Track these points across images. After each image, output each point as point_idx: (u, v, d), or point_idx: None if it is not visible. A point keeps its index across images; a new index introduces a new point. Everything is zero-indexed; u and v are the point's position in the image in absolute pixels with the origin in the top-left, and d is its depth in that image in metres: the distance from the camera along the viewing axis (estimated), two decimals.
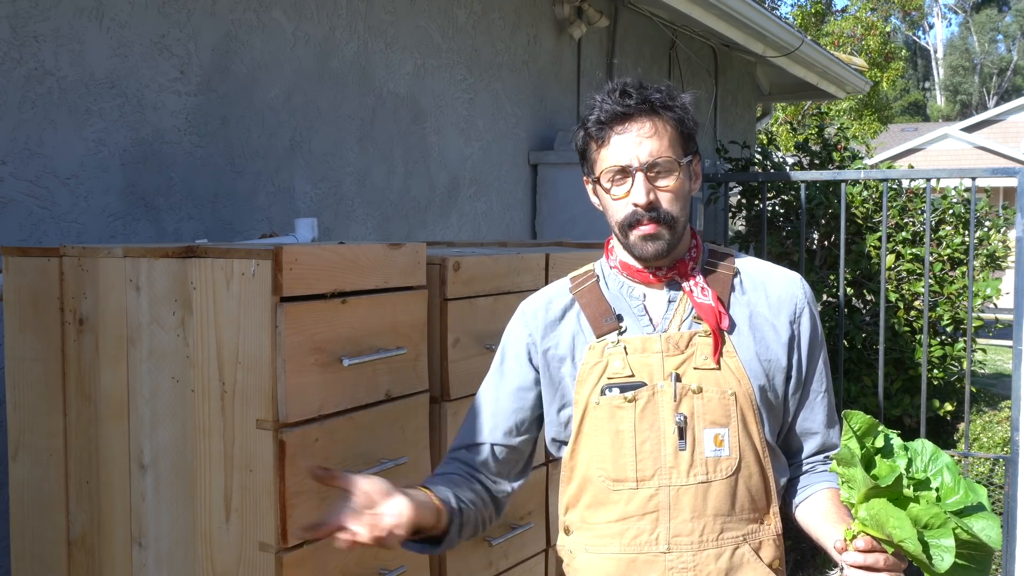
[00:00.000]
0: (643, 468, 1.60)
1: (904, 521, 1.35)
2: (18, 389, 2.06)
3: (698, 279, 1.66)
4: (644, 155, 1.59)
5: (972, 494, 1.42)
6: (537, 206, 4.79)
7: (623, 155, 1.60)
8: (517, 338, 1.76)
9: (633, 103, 1.60)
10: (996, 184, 17.66)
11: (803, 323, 1.69)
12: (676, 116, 1.62)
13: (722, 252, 1.74)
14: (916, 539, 1.34)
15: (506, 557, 2.38)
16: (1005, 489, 4.43)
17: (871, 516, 1.40)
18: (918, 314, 6.09)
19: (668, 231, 1.61)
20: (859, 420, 1.47)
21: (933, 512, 1.36)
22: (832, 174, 4.64)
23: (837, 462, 1.46)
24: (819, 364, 1.71)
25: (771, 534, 1.64)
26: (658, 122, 1.61)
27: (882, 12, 23.96)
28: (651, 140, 1.60)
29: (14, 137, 2.46)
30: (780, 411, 1.68)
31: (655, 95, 1.62)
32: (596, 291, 1.71)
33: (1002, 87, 42.59)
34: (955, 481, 1.43)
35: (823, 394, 1.72)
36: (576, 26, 4.95)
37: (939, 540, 1.35)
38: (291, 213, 3.30)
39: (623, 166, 1.60)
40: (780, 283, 1.70)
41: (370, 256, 1.93)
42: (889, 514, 1.37)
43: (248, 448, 1.76)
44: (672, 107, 1.62)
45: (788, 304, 1.69)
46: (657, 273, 1.67)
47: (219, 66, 3.02)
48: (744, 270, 1.71)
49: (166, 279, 1.84)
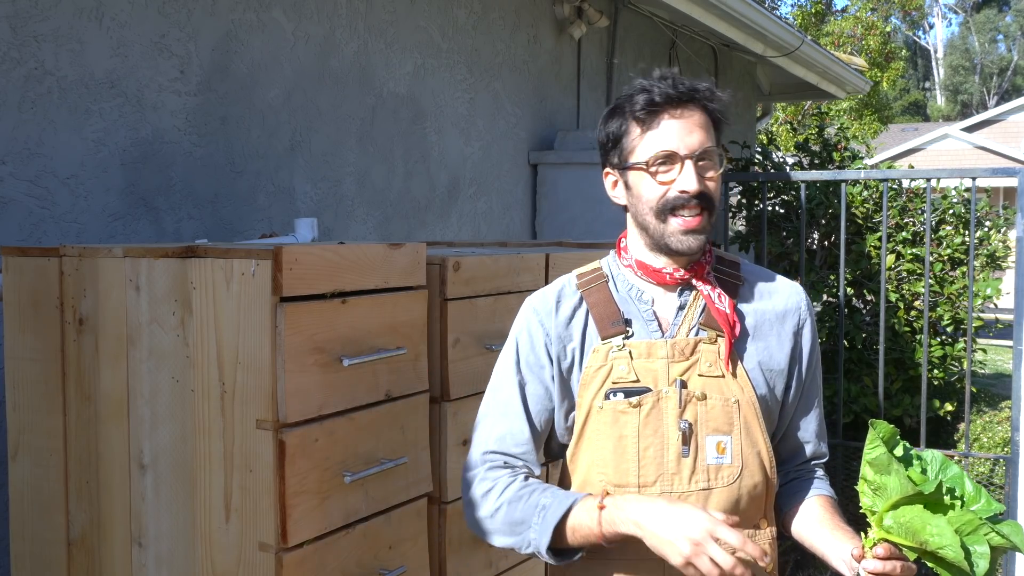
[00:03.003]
0: (645, 474, 1.59)
1: (945, 528, 1.37)
2: (18, 389, 2.06)
3: (715, 284, 1.65)
4: (695, 143, 1.59)
5: (993, 501, 1.46)
6: (537, 206, 4.79)
7: (673, 141, 1.59)
8: (531, 335, 1.68)
9: (687, 91, 1.60)
10: (996, 184, 17.65)
11: (805, 334, 1.70)
12: (719, 112, 1.64)
13: (729, 259, 1.73)
14: (958, 545, 1.36)
15: (506, 557, 2.37)
16: (1005, 489, 4.43)
17: (901, 524, 1.41)
18: (918, 314, 6.09)
19: (709, 223, 1.62)
20: (884, 429, 1.48)
21: (967, 518, 1.38)
22: (832, 174, 4.64)
23: (871, 468, 1.45)
24: (817, 375, 1.74)
25: (767, 538, 1.64)
26: (705, 114, 1.62)
27: (882, 12, 23.94)
28: (701, 130, 1.61)
29: (14, 137, 2.46)
30: (775, 419, 1.69)
31: (704, 88, 1.63)
32: (605, 291, 1.68)
33: (1002, 87, 42.59)
34: (976, 489, 1.47)
35: (818, 402, 1.75)
36: (576, 26, 4.95)
37: (975, 546, 1.38)
38: (291, 213, 3.30)
39: (672, 151, 1.59)
40: (784, 293, 1.71)
41: (370, 256, 1.93)
42: (926, 521, 1.38)
43: (248, 448, 1.76)
44: (716, 102, 1.63)
45: (793, 314, 1.70)
46: (675, 274, 1.64)
47: (219, 66, 3.02)
48: (750, 278, 1.71)
49: (166, 279, 1.84)
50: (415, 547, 2.08)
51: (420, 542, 2.10)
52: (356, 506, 1.91)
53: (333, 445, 1.85)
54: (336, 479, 1.85)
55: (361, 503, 1.92)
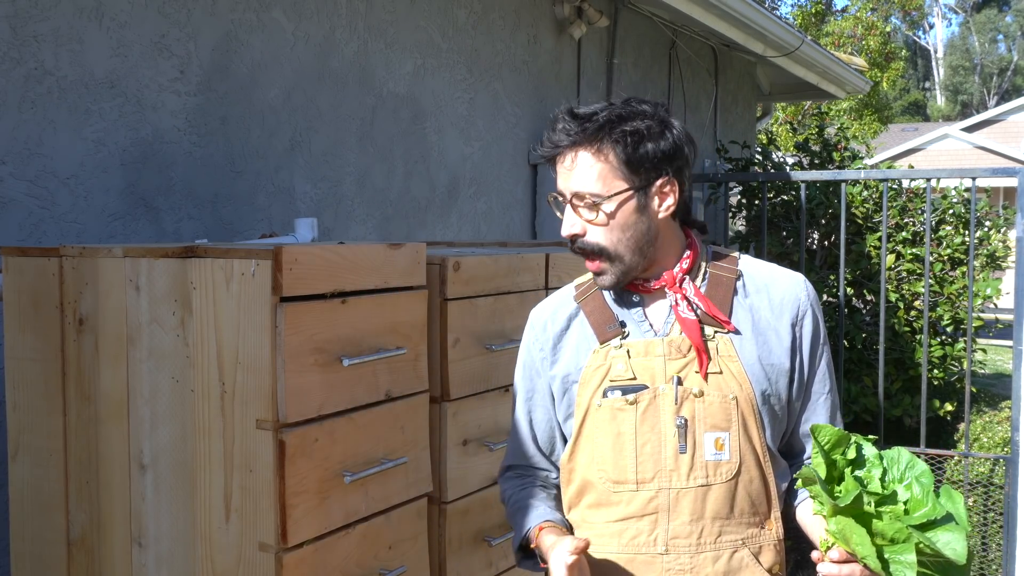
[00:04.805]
0: (643, 470, 1.61)
1: (864, 538, 1.35)
2: (18, 389, 2.06)
3: (687, 290, 1.64)
4: (569, 187, 1.60)
5: (940, 507, 1.39)
6: (537, 206, 4.79)
7: (559, 183, 1.63)
8: (530, 352, 1.78)
9: (560, 137, 1.59)
10: (996, 184, 17.65)
11: (805, 325, 1.67)
12: (618, 142, 1.56)
13: (725, 254, 1.72)
14: (875, 556, 1.34)
15: (506, 557, 2.38)
16: (1005, 489, 4.43)
17: (838, 531, 1.40)
18: (918, 314, 6.09)
19: (608, 263, 1.61)
20: (827, 433, 1.46)
21: (896, 527, 1.35)
22: (832, 174, 4.64)
23: (802, 480, 1.45)
24: (821, 365, 1.70)
25: (771, 539, 1.64)
26: (589, 152, 1.58)
27: (882, 12, 23.94)
28: (574, 172, 1.59)
29: (14, 137, 2.46)
30: (784, 415, 1.67)
31: (591, 122, 1.57)
32: (599, 298, 1.71)
33: (1002, 87, 42.59)
34: (924, 493, 1.41)
35: (825, 395, 1.71)
36: (576, 26, 4.95)
37: (901, 556, 1.34)
38: (291, 213, 3.30)
39: (555, 195, 1.64)
40: (783, 285, 1.69)
41: (370, 256, 1.93)
42: (852, 531, 1.37)
43: (248, 448, 1.76)
44: (613, 132, 1.56)
45: (791, 307, 1.67)
46: (646, 284, 1.66)
47: (219, 66, 3.02)
48: (747, 272, 1.69)
49: (166, 279, 1.84)
50: (415, 547, 2.08)
51: (420, 542, 2.10)
52: (356, 506, 1.91)
53: (333, 445, 1.85)
54: (336, 479, 1.85)
55: (361, 503, 1.92)
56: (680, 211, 1.65)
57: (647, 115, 1.59)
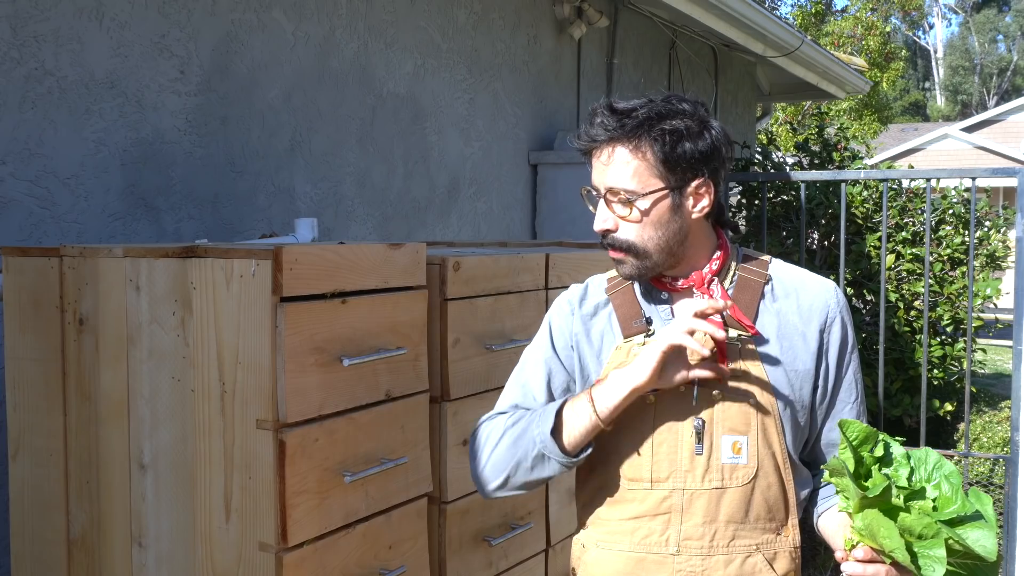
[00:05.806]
0: (658, 469, 1.60)
1: (893, 531, 1.35)
2: (18, 389, 2.06)
3: (714, 291, 1.62)
4: (604, 182, 1.59)
5: (970, 504, 1.39)
6: (537, 206, 4.79)
7: (593, 177, 1.62)
8: (564, 317, 1.73)
9: (598, 131, 1.58)
10: (996, 184, 17.65)
11: (833, 332, 1.64)
12: (657, 140, 1.55)
13: (756, 257, 1.70)
14: (904, 549, 1.34)
15: (506, 557, 2.38)
16: (1005, 489, 4.43)
17: (865, 526, 1.39)
18: (918, 314, 6.09)
19: (633, 257, 1.60)
20: (855, 429, 1.45)
21: (925, 522, 1.35)
22: (832, 174, 4.64)
23: (829, 472, 1.45)
24: (848, 374, 1.67)
25: (788, 546, 1.62)
26: (627, 148, 1.56)
27: (882, 12, 23.94)
28: (610, 168, 1.58)
29: (14, 137, 2.46)
30: (807, 422, 1.64)
31: (631, 119, 1.56)
32: (630, 293, 1.69)
33: (1002, 87, 42.59)
34: (954, 491, 1.41)
35: (852, 404, 1.67)
36: (576, 26, 4.95)
37: (930, 550, 1.34)
38: (291, 213, 3.30)
39: (588, 188, 1.64)
40: (813, 291, 1.66)
41: (370, 256, 1.93)
42: (880, 524, 1.36)
43: (248, 448, 1.76)
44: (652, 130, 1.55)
45: (820, 313, 1.64)
46: (673, 283, 1.65)
47: (219, 66, 3.02)
48: (777, 276, 1.67)
49: (166, 279, 1.84)
50: (415, 547, 2.08)
51: (420, 542, 2.10)
52: (356, 506, 1.91)
53: (333, 445, 1.85)
54: (336, 479, 1.85)
55: (361, 503, 1.92)
56: (714, 212, 1.64)
57: (687, 114, 1.57)
